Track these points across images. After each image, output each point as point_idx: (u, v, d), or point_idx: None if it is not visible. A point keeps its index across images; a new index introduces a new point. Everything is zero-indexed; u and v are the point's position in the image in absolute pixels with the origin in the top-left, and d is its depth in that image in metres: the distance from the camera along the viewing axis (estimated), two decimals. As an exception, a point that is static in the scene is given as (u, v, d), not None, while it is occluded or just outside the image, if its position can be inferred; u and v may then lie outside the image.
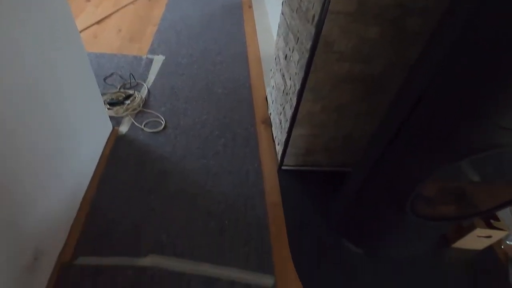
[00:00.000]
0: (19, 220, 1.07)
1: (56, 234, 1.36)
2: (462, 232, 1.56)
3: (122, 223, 1.52)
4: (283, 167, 1.93)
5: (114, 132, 2.01)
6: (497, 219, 1.51)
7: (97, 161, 1.79)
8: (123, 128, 2.06)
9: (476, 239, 1.56)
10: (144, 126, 2.09)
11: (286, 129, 1.72)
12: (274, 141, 2.09)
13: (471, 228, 1.51)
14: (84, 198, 1.60)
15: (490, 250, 1.65)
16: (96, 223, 1.51)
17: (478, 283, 1.53)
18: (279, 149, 1.94)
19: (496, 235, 1.52)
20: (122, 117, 2.14)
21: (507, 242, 1.67)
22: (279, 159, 1.92)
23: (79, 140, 1.55)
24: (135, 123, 2.10)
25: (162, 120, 2.14)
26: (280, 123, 1.90)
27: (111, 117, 2.05)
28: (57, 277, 1.27)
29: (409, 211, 1.17)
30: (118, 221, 1.53)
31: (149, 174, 1.80)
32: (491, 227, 1.48)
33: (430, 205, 1.33)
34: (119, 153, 1.89)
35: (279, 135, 1.92)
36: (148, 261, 1.39)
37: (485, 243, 1.60)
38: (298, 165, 1.93)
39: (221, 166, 1.90)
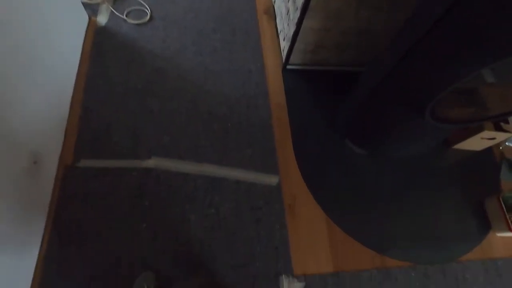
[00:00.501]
0: (9, 122, 0.97)
1: (52, 137, 1.29)
2: (467, 134, 1.55)
3: (120, 126, 1.45)
4: (288, 66, 1.75)
5: (91, 23, 1.72)
6: (507, 122, 1.48)
7: (78, 57, 1.58)
8: (102, 19, 1.75)
9: (479, 141, 1.57)
10: (126, 16, 1.78)
11: (295, 20, 1.47)
12: (278, 36, 1.85)
13: (478, 130, 1.49)
14: (73, 98, 1.46)
15: (488, 150, 1.69)
16: (91, 126, 1.42)
17: (472, 178, 1.62)
18: (284, 45, 1.72)
19: (500, 137, 1.52)
20: (99, 5, 1.80)
21: (507, 143, 1.70)
22: (284, 56, 1.72)
23: (52, 30, 1.31)
24: (115, 13, 1.78)
25: (147, 9, 1.82)
26: (288, 13, 1.62)
27: (84, 4, 1.71)
28: (62, 180, 1.26)
29: (427, 115, 1.10)
30: (115, 124, 1.45)
31: (140, 72, 1.62)
32: (500, 129, 1.46)
33: (445, 109, 1.26)
34: (102, 49, 1.65)
35: (285, 28, 1.68)
36: (151, 163, 1.37)
37: (486, 144, 1.61)
38: (305, 64, 1.75)
39: (219, 64, 1.72)
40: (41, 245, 1.11)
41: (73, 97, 1.47)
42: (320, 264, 1.30)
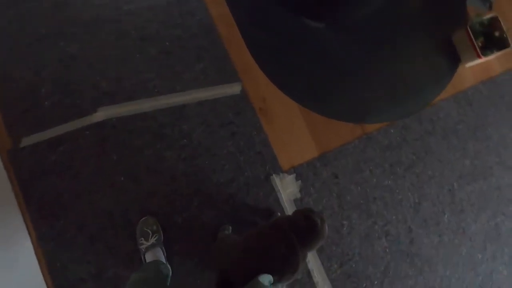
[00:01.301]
0: None
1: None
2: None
3: (45, 85, 1.23)
4: None
5: None
6: None
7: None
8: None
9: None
10: None
11: None
12: None
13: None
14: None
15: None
16: (11, 95, 1.20)
17: (438, 17, 1.51)
18: None
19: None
20: None
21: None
22: None
23: None
24: None
25: None
26: None
27: None
28: (12, 166, 1.14)
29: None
30: (38, 85, 1.23)
31: (40, 12, 1.29)
32: None
33: None
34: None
35: None
36: (100, 115, 1.23)
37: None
38: None
39: (127, -30, 1.37)
40: (28, 231, 1.09)
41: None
42: (305, 153, 1.33)
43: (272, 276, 0.79)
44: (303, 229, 0.85)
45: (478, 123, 1.48)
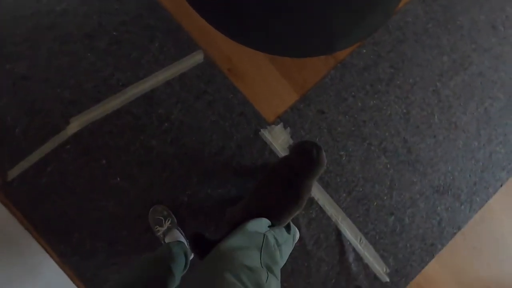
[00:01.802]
0: None
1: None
2: None
3: (10, 114, 1.20)
4: None
5: None
6: None
7: None
8: None
9: None
10: None
11: None
12: None
13: None
14: None
15: None
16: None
17: None
18: None
19: None
20: None
21: None
22: None
23: None
24: None
25: None
26: None
27: None
28: (9, 200, 1.14)
29: None
30: (3, 115, 1.20)
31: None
32: None
33: None
34: None
35: None
36: (74, 126, 1.21)
37: None
38: None
39: (43, -32, 1.26)
40: (49, 254, 1.12)
41: None
42: (285, 99, 1.32)
43: (281, 218, 0.82)
44: (300, 164, 0.86)
45: (447, 16, 1.44)
